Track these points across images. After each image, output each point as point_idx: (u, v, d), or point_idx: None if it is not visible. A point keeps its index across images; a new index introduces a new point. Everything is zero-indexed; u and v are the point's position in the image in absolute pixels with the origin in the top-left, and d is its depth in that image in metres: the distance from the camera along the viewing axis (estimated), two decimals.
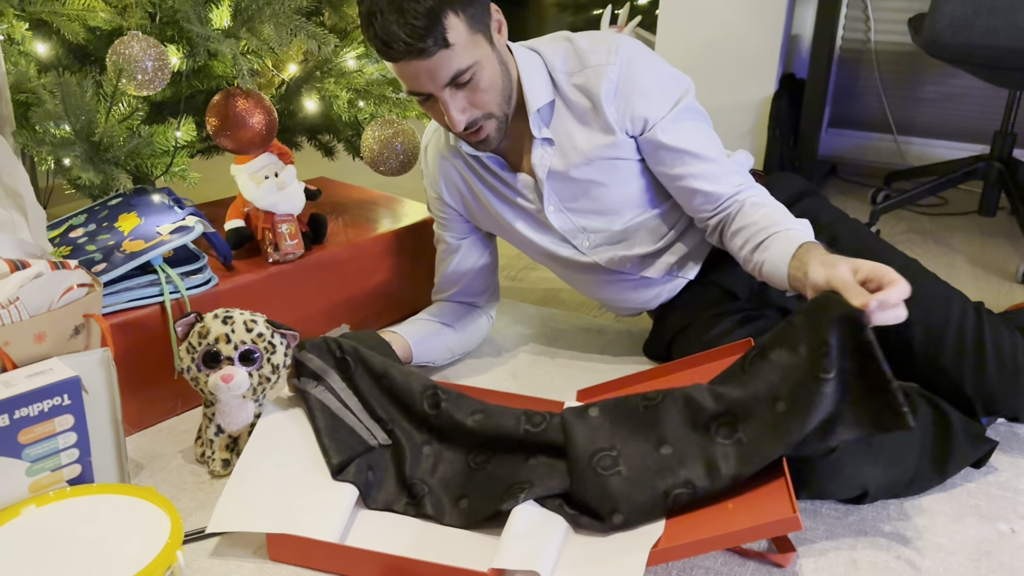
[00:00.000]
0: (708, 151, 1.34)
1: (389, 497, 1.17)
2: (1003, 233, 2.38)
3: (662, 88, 1.33)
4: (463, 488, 1.16)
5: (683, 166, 1.34)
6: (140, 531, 0.93)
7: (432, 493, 1.16)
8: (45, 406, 1.01)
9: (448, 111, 1.24)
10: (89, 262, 1.30)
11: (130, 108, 1.37)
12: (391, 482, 1.19)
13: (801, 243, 1.19)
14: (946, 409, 1.27)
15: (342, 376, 1.26)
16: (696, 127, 1.35)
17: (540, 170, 1.36)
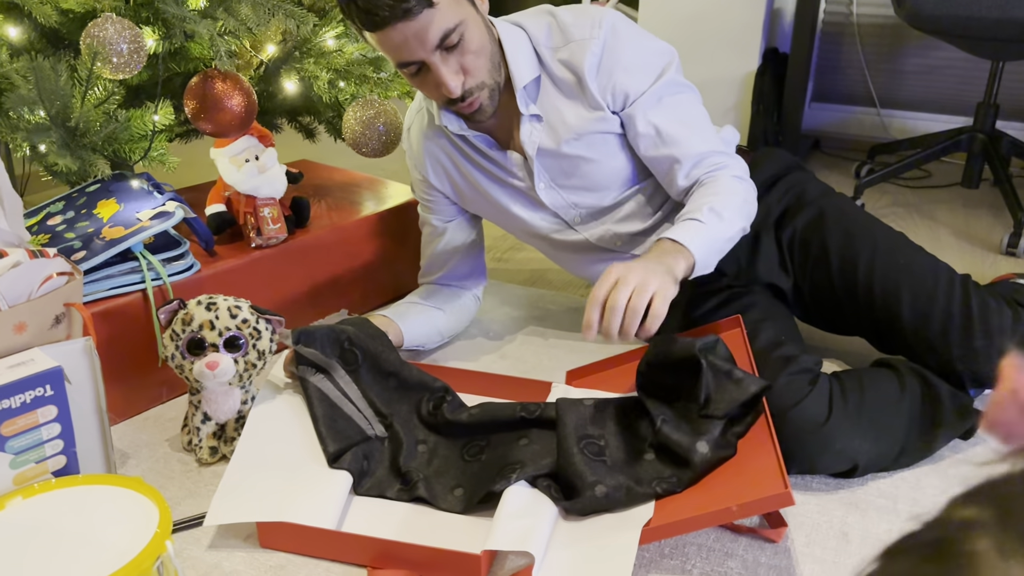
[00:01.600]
0: (683, 133, 1.31)
1: (382, 484, 1.16)
2: (986, 205, 2.38)
3: (644, 62, 1.32)
4: (457, 479, 1.16)
5: (655, 149, 1.33)
6: (128, 522, 0.92)
7: (426, 480, 1.15)
8: (27, 397, 0.99)
9: (441, 76, 1.21)
10: (68, 250, 1.28)
11: (106, 92, 1.34)
12: (384, 470, 1.18)
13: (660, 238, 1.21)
14: (934, 382, 1.27)
15: (346, 368, 1.25)
16: (678, 104, 1.33)
17: (530, 147, 1.35)
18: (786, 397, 1.17)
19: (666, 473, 1.08)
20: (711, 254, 1.22)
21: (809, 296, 1.43)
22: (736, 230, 1.25)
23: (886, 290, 1.33)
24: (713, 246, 1.22)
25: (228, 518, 1.06)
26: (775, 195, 1.45)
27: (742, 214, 1.27)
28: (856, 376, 1.26)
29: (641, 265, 1.12)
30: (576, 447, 1.10)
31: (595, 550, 1.00)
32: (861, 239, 1.37)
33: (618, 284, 1.10)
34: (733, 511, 0.98)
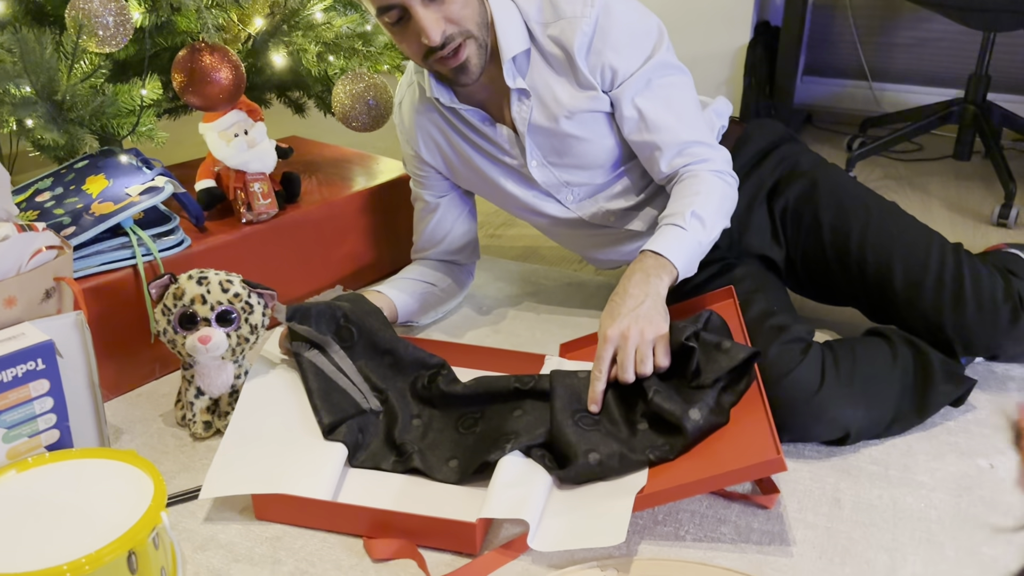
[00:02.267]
0: (667, 120, 1.30)
1: (377, 456, 1.17)
2: (978, 176, 2.39)
3: (635, 41, 1.30)
4: (452, 451, 1.16)
5: (638, 133, 1.32)
6: (123, 494, 0.92)
7: (421, 452, 1.16)
8: (19, 371, 0.99)
9: (422, 22, 1.17)
10: (58, 226, 1.27)
11: (92, 66, 1.33)
12: (379, 443, 1.19)
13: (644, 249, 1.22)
14: (926, 350, 1.28)
15: (341, 345, 1.25)
16: (666, 88, 1.31)
17: (520, 123, 1.34)
18: (779, 366, 1.18)
19: (659, 442, 1.08)
20: (693, 261, 1.24)
21: (801, 267, 1.44)
22: (716, 233, 1.26)
23: (878, 259, 1.33)
24: (695, 252, 1.23)
25: (224, 491, 1.06)
26: (768, 166, 1.45)
27: (722, 213, 1.28)
28: (848, 345, 1.26)
29: (629, 314, 1.14)
30: (570, 419, 1.11)
31: (590, 517, 1.01)
32: (853, 209, 1.37)
33: (618, 354, 1.14)
34: (726, 477, 0.98)
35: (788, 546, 1.03)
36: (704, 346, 1.15)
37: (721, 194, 1.28)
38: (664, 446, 1.07)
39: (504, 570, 0.99)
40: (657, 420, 1.11)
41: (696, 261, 1.24)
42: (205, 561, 1.01)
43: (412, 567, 1.00)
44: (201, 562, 1.01)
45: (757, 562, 1.00)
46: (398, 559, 1.01)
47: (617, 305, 1.16)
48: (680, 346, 1.14)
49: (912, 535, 1.04)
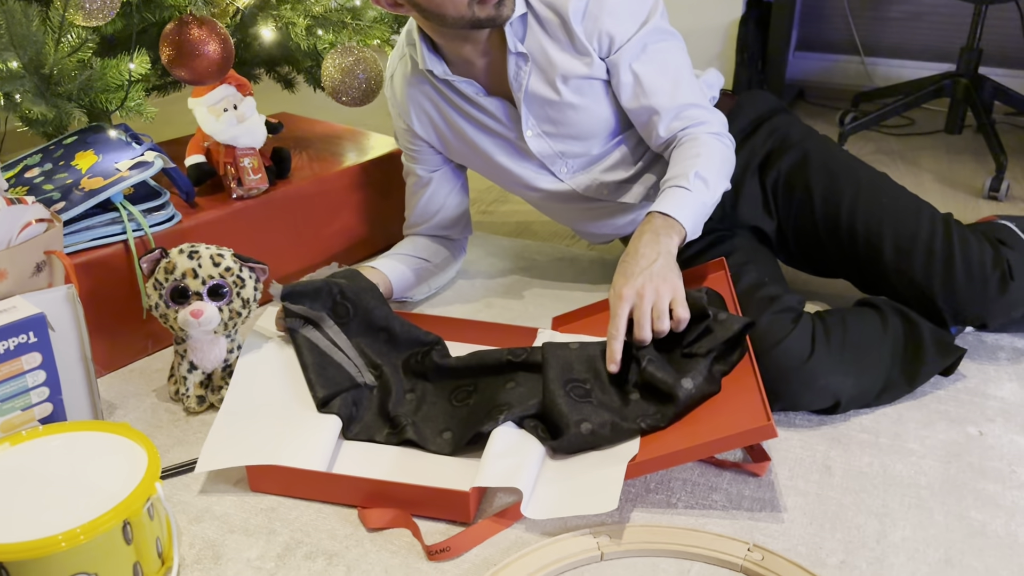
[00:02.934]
0: (664, 84, 1.30)
1: (371, 429, 1.17)
2: (969, 150, 2.39)
3: (630, 8, 1.30)
4: (446, 423, 1.17)
5: (635, 100, 1.31)
6: (117, 465, 0.92)
7: (415, 424, 1.16)
8: (11, 344, 0.99)
9: None
10: (47, 201, 1.26)
11: (79, 40, 1.32)
12: (372, 416, 1.19)
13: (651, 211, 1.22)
14: (916, 320, 1.29)
15: (337, 321, 1.25)
16: (661, 52, 1.31)
17: (517, 88, 1.33)
18: (769, 335, 1.18)
19: (651, 410, 1.09)
20: (699, 222, 1.23)
21: (793, 238, 1.44)
22: (719, 194, 1.26)
23: (869, 229, 1.34)
24: (700, 212, 1.23)
25: (219, 464, 1.06)
26: (759, 138, 1.45)
27: (723, 175, 1.27)
28: (839, 315, 1.27)
29: (643, 273, 1.14)
30: (562, 390, 1.11)
31: (582, 484, 1.02)
32: (844, 180, 1.38)
33: (634, 312, 1.13)
34: (717, 444, 0.99)
35: (779, 513, 1.03)
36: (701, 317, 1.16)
37: (721, 156, 1.27)
38: (656, 414, 1.08)
39: (498, 538, 1.00)
40: (649, 389, 1.11)
41: (701, 222, 1.24)
42: (200, 532, 1.02)
43: (407, 536, 1.00)
44: (196, 533, 1.01)
45: (748, 528, 1.01)
46: (392, 528, 1.01)
47: (630, 265, 1.16)
48: (700, 312, 1.14)
49: (902, 501, 1.05)
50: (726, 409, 1.05)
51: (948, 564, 0.96)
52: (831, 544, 0.99)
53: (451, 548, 0.97)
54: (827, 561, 0.96)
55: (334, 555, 0.98)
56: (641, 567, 0.95)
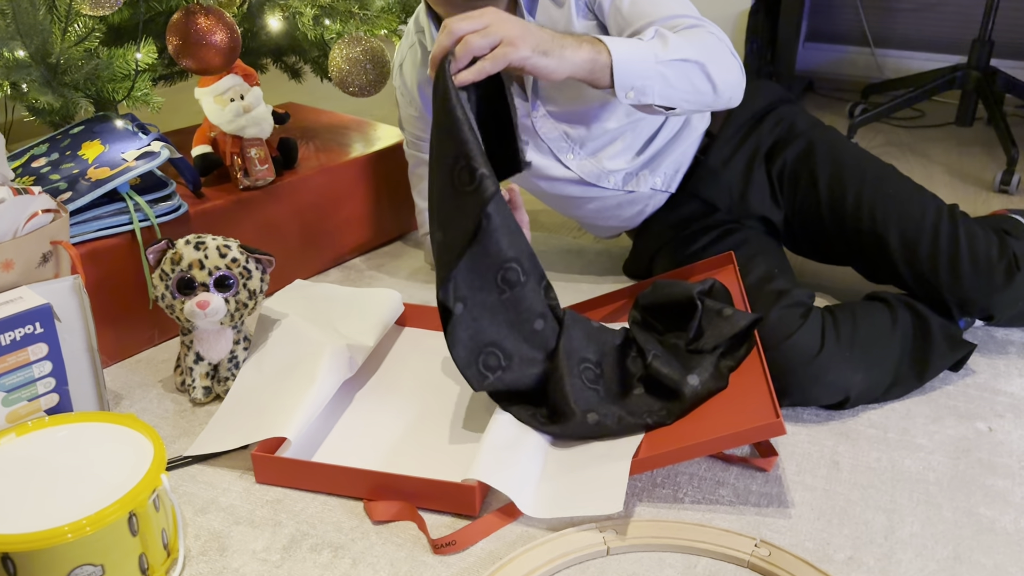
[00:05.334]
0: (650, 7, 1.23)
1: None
2: (980, 143, 2.37)
3: None
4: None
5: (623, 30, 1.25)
6: (123, 456, 0.92)
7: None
8: (17, 335, 0.98)
9: None
10: (54, 191, 1.26)
11: (86, 29, 1.31)
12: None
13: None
14: (925, 314, 1.28)
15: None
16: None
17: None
18: (779, 330, 1.17)
19: (656, 406, 1.08)
20: (640, 69, 1.12)
21: (799, 227, 1.43)
22: (680, 55, 1.14)
23: (874, 219, 1.33)
24: (644, 58, 1.12)
25: (207, 448, 1.10)
26: (766, 127, 1.45)
27: (695, 47, 1.16)
28: (848, 309, 1.26)
29: (521, 22, 1.05)
30: (576, 368, 1.10)
31: (585, 482, 1.01)
32: (850, 169, 1.37)
33: (480, 19, 1.04)
34: (725, 440, 0.98)
35: (787, 508, 1.03)
36: (707, 312, 1.15)
37: (702, 38, 1.19)
38: (661, 411, 1.07)
39: (504, 532, 0.99)
40: (654, 385, 1.11)
41: (644, 73, 1.12)
42: (206, 524, 1.02)
43: (412, 529, 1.00)
44: (202, 524, 1.01)
45: (755, 524, 1.00)
46: (398, 521, 1.01)
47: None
48: (688, 301, 1.14)
49: (910, 496, 1.05)
50: (735, 405, 1.04)
51: (957, 560, 0.95)
52: (839, 540, 0.98)
53: (457, 541, 0.96)
54: (835, 557, 0.96)
55: (340, 547, 0.98)
56: (647, 562, 0.95)
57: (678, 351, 1.14)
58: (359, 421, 1.19)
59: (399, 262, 1.69)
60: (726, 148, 1.45)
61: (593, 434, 1.06)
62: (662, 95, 1.15)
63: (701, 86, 1.18)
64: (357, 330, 1.30)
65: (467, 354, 1.07)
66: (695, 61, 1.16)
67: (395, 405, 1.22)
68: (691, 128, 1.44)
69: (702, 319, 1.14)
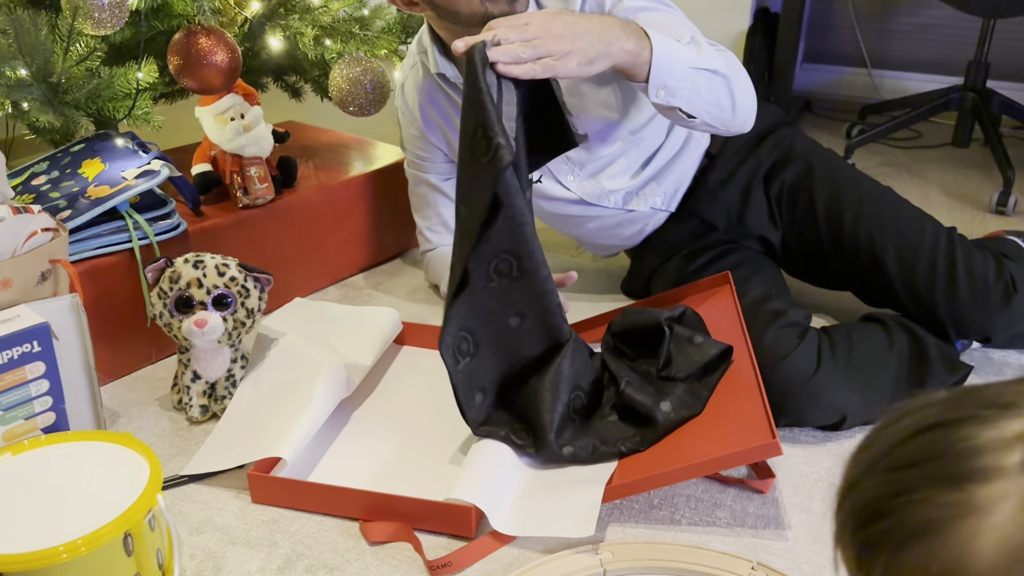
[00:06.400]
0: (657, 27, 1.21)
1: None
2: (976, 164, 2.38)
3: None
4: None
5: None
6: (119, 476, 0.92)
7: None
8: (14, 353, 0.98)
9: None
10: (54, 209, 1.26)
11: (88, 48, 1.32)
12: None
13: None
14: (922, 335, 1.28)
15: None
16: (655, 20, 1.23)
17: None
18: (775, 350, 1.18)
19: (629, 433, 1.09)
20: (675, 70, 1.11)
21: (797, 249, 1.44)
22: (711, 66, 1.15)
23: (872, 240, 1.33)
24: (680, 65, 1.11)
25: (202, 468, 1.10)
26: (764, 149, 1.45)
27: (723, 61, 1.17)
28: (844, 330, 1.27)
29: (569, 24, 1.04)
30: (568, 396, 1.10)
31: (559, 503, 1.01)
32: (848, 191, 1.38)
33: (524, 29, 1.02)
34: (722, 461, 0.98)
35: (784, 530, 1.03)
36: (677, 339, 1.15)
37: (728, 57, 1.20)
38: (635, 437, 1.08)
39: (499, 554, 0.99)
40: (627, 411, 1.11)
41: (678, 75, 1.12)
42: (201, 544, 1.01)
43: (408, 550, 1.00)
44: (197, 545, 1.01)
45: (752, 546, 1.00)
46: (394, 542, 1.01)
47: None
48: (655, 327, 1.14)
49: None
50: (731, 425, 1.04)
51: None
52: None
53: (453, 563, 0.96)
54: None
55: (335, 568, 0.97)
56: None
57: (650, 377, 1.14)
58: (356, 441, 1.19)
59: (398, 280, 1.69)
60: (725, 169, 1.46)
61: (567, 464, 1.07)
62: (689, 101, 1.15)
63: (724, 102, 1.18)
64: (355, 349, 1.30)
65: (449, 336, 1.06)
66: (723, 75, 1.17)
67: (392, 425, 1.22)
68: (691, 148, 1.44)
69: (671, 346, 1.14)
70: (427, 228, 1.56)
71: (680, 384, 1.11)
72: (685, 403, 1.09)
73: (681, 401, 1.09)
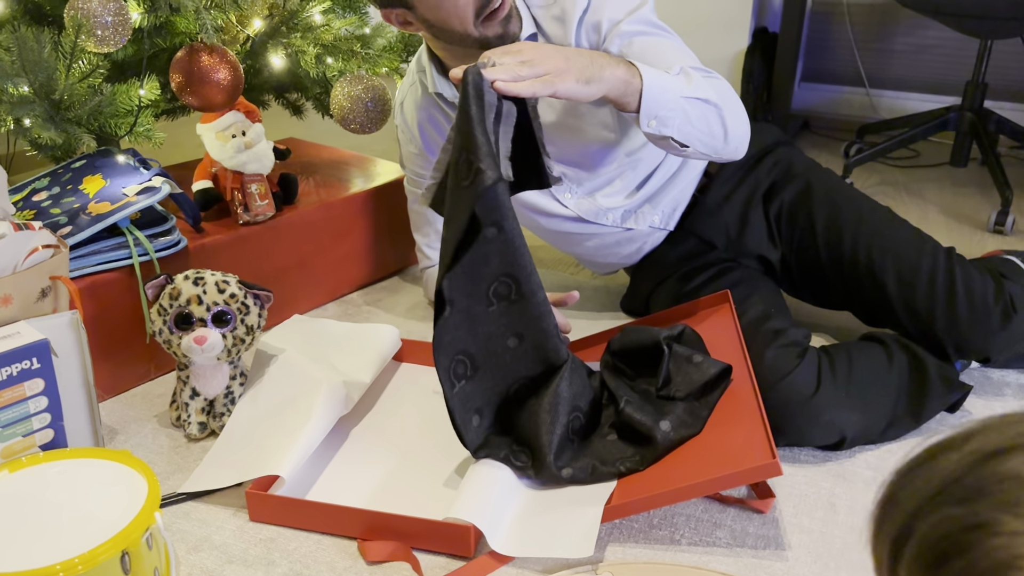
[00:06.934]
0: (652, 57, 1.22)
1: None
2: (974, 183, 2.39)
3: (621, 3, 1.27)
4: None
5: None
6: (117, 494, 0.91)
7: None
8: (13, 370, 0.98)
9: None
10: (54, 225, 1.26)
11: (91, 65, 1.33)
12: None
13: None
14: (922, 355, 1.28)
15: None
16: (651, 45, 1.26)
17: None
18: (775, 370, 1.18)
19: (628, 452, 1.08)
20: (666, 99, 1.12)
21: (797, 268, 1.44)
22: (702, 95, 1.15)
23: (871, 260, 1.34)
24: (670, 95, 1.12)
25: (201, 485, 1.10)
26: (763, 168, 1.46)
27: (715, 92, 1.18)
28: (844, 349, 1.27)
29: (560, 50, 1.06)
30: (566, 417, 1.10)
31: (557, 524, 1.01)
32: (847, 211, 1.38)
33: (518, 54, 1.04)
34: (722, 481, 0.98)
35: (783, 551, 1.02)
36: (676, 358, 1.15)
37: (719, 85, 1.20)
38: (634, 456, 1.07)
39: (498, 574, 0.99)
40: (626, 431, 1.10)
41: (669, 104, 1.12)
42: (199, 562, 1.01)
43: (406, 570, 0.99)
44: (195, 563, 1.01)
45: (752, 567, 1.00)
46: (392, 562, 1.00)
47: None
48: (655, 346, 1.14)
49: None
50: (731, 445, 1.04)
51: None
52: None
53: None
54: None
55: None
56: None
57: (649, 396, 1.14)
58: (354, 459, 1.19)
59: (397, 297, 1.69)
60: (724, 188, 1.47)
61: (566, 485, 1.07)
62: (680, 130, 1.15)
63: (715, 130, 1.19)
64: (354, 366, 1.30)
65: (446, 359, 1.06)
66: (714, 104, 1.18)
67: (390, 443, 1.22)
68: (688, 168, 1.45)
69: (670, 365, 1.14)
70: (426, 245, 1.57)
71: (680, 403, 1.11)
72: (685, 422, 1.09)
73: (681, 420, 1.09)
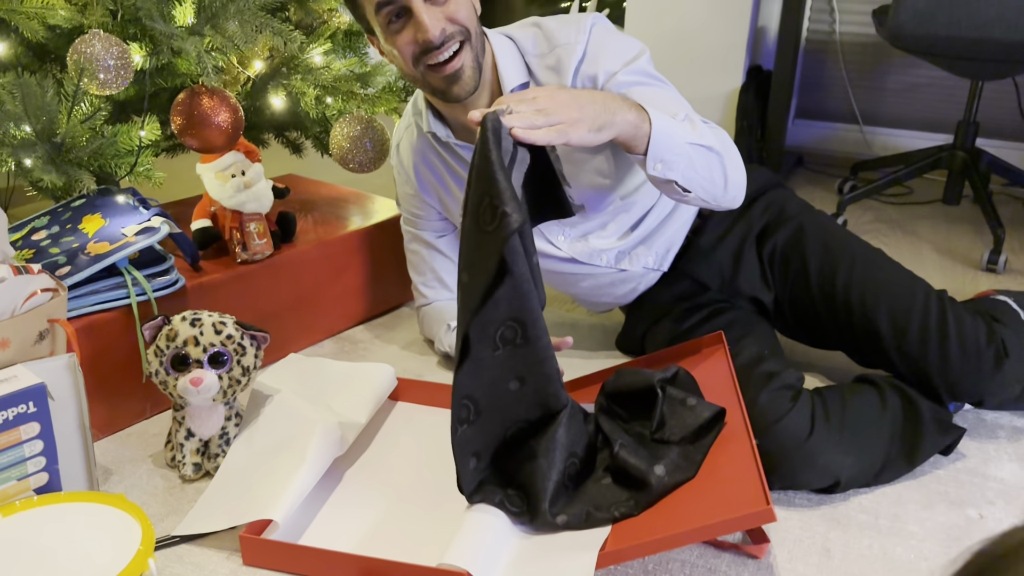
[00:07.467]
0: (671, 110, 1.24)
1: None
2: (967, 221, 2.41)
3: (616, 49, 1.30)
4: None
5: None
6: (111, 539, 0.91)
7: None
8: (10, 414, 0.99)
9: (421, 17, 1.17)
10: (53, 265, 1.27)
11: (93, 108, 1.34)
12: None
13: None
14: (915, 398, 1.29)
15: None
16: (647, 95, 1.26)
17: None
18: (769, 413, 1.18)
19: (623, 497, 1.08)
20: (672, 144, 1.14)
21: (790, 310, 1.45)
22: (706, 143, 1.18)
23: (864, 304, 1.35)
24: (676, 139, 1.14)
25: (195, 529, 1.09)
26: (756, 211, 1.47)
27: (717, 140, 1.20)
28: (838, 392, 1.27)
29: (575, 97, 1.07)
30: (563, 464, 1.10)
31: (552, 569, 1.01)
32: (840, 254, 1.39)
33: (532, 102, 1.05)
34: (715, 527, 0.98)
35: None
36: (670, 401, 1.15)
37: (719, 134, 1.22)
38: (629, 501, 1.07)
39: None
40: (621, 474, 1.10)
41: (675, 149, 1.14)
42: None
43: None
44: None
45: None
46: None
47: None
48: (649, 389, 1.14)
49: None
50: (725, 491, 1.04)
51: None
52: None
53: None
54: None
55: None
56: None
57: (644, 440, 1.14)
58: (348, 502, 1.19)
59: (394, 333, 1.70)
60: (718, 230, 1.48)
61: (560, 531, 1.06)
62: (684, 175, 1.17)
63: (717, 178, 1.21)
64: (349, 406, 1.30)
65: (455, 403, 1.06)
66: (717, 152, 1.20)
67: (385, 485, 1.22)
68: (681, 210, 1.46)
69: (664, 408, 1.15)
70: (422, 284, 1.58)
71: (674, 447, 1.11)
72: (679, 467, 1.09)
73: (675, 465, 1.09)
